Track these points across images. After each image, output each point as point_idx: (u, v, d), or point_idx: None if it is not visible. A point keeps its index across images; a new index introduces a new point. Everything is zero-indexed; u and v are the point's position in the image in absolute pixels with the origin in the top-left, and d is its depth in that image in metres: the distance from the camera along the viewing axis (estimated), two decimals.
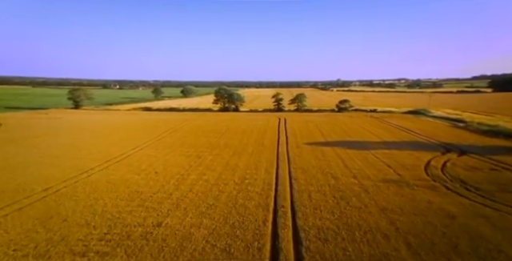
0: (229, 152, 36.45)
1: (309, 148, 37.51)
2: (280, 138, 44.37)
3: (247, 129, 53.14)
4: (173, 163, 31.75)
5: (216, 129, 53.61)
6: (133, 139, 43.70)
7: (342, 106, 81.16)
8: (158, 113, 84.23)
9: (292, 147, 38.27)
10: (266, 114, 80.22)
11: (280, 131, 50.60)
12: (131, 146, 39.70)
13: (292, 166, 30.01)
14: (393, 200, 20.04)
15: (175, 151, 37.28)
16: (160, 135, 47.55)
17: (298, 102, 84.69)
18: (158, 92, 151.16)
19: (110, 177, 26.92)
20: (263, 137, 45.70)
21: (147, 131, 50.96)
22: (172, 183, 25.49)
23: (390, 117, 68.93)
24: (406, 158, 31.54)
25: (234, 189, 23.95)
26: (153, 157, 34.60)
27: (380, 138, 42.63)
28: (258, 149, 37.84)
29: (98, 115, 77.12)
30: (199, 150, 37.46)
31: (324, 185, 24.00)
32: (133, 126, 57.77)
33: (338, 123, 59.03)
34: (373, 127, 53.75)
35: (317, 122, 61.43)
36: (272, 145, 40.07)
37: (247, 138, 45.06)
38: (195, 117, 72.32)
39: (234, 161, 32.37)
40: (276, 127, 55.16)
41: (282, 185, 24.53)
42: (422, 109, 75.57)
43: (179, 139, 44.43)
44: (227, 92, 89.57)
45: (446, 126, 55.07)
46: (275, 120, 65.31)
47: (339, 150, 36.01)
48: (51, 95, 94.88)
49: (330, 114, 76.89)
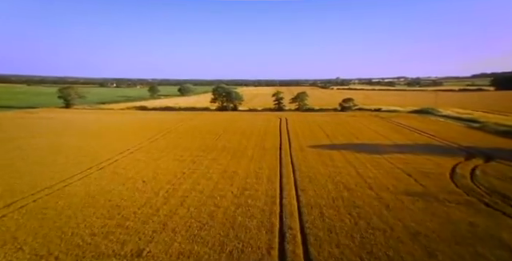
0: (227, 156, 33.11)
1: (314, 152, 34.17)
2: (282, 140, 41.03)
3: (246, 130, 49.76)
4: (164, 170, 28.40)
5: (213, 130, 50.22)
6: (123, 141, 40.26)
7: (346, 105, 77.77)
8: (152, 112, 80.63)
9: (296, 151, 34.93)
10: (266, 113, 76.78)
11: (282, 132, 47.24)
12: (120, 149, 36.27)
13: (297, 173, 26.69)
14: (423, 221, 16.63)
15: (168, 155, 33.91)
16: (153, 137, 44.12)
17: (300, 101, 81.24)
18: (155, 90, 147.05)
19: (89, 187, 23.52)
20: (264, 139, 42.34)
21: (139, 132, 47.51)
22: (161, 195, 22.14)
23: (396, 116, 65.58)
24: (425, 164, 28.17)
25: (232, 203, 20.62)
26: (142, 162, 31.22)
27: (391, 141, 39.25)
28: (258, 153, 34.50)
29: (88, 115, 73.31)
30: (194, 154, 34.10)
31: (336, 198, 20.66)
32: (124, 126, 54.26)
33: (342, 123, 55.65)
34: (381, 128, 50.39)
35: (320, 122, 58.07)
36: (274, 148, 36.72)
37: (247, 140, 41.70)
38: (192, 116, 68.88)
39: (232, 167, 29.05)
40: (277, 128, 51.79)
41: (288, 198, 21.20)
42: (429, 108, 72.25)
43: (173, 141, 41.03)
44: (225, 90, 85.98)
45: (459, 127, 51.70)
46: (276, 120, 61.93)
47: (348, 154, 32.68)
48: (45, 94, 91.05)
49: (333, 114, 73.51)
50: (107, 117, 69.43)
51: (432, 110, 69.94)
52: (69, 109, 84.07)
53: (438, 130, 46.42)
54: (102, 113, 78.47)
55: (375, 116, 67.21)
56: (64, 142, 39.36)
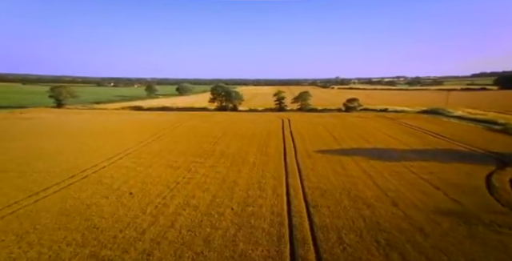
0: (226, 163, 29.81)
1: (323, 158, 30.86)
2: (286, 144, 37.71)
3: (247, 132, 46.42)
4: (155, 179, 25.13)
5: (211, 132, 46.86)
6: (112, 145, 36.89)
7: (350, 105, 74.34)
8: (148, 113, 76.90)
9: (302, 157, 31.63)
10: (267, 113, 73.32)
11: (285, 135, 43.88)
12: (108, 154, 32.93)
13: (306, 184, 23.42)
14: (475, 253, 13.24)
15: (161, 162, 30.61)
16: (146, 140, 40.75)
17: (302, 101, 77.85)
18: (152, 90, 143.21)
19: (66, 202, 20.22)
20: (266, 143, 39.01)
21: (132, 135, 44.09)
22: (148, 213, 18.86)
23: (405, 117, 62.13)
24: (454, 174, 24.74)
25: (233, 223, 17.36)
26: (132, 170, 27.90)
27: (407, 145, 35.84)
28: (260, 159, 31.20)
29: (79, 115, 69.26)
30: (190, 161, 30.81)
31: (357, 218, 17.38)
32: (116, 128, 50.72)
33: (349, 125, 52.24)
34: (392, 130, 46.95)
35: (325, 123, 54.68)
36: (278, 153, 33.41)
37: (247, 144, 38.36)
38: (189, 117, 65.43)
39: (232, 176, 25.78)
40: (280, 130, 48.43)
41: (298, 216, 17.94)
42: (439, 108, 68.89)
43: (168, 145, 37.69)
44: (224, 90, 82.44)
45: (479, 129, 47.94)
46: (278, 121, 58.57)
47: (361, 161, 29.38)
48: (39, 93, 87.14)
49: (337, 115, 69.88)
50: (99, 117, 65.67)
51: (442, 111, 66.58)
52: (60, 109, 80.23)
53: (455, 133, 42.87)
54: (94, 113, 74.65)
55: (382, 117, 63.82)
56: (45, 147, 35.86)
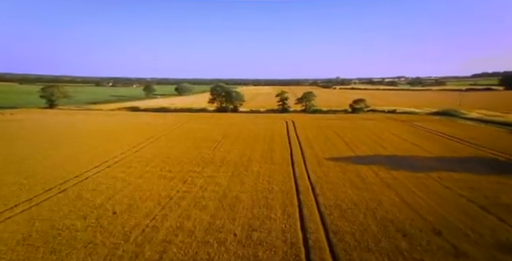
0: (226, 173, 26.31)
1: (336, 167, 27.28)
2: (293, 150, 34.14)
3: (249, 135, 42.86)
4: (145, 194, 21.67)
5: (211, 135, 43.31)
6: (100, 151, 33.36)
7: (357, 106, 70.62)
8: (144, 114, 73.04)
9: (313, 165, 28.08)
10: (270, 115, 69.59)
11: (291, 139, 40.28)
12: (95, 161, 29.43)
13: (322, 201, 19.89)
14: None
15: (153, 171, 27.13)
16: (139, 145, 37.22)
17: (306, 102, 74.18)
18: (150, 90, 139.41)
19: (33, 225, 16.74)
20: (271, 148, 35.46)
21: (124, 139, 40.54)
22: (132, 240, 15.40)
23: (418, 119, 58.32)
24: (499, 190, 20.71)
25: (236, 256, 13.91)
26: (119, 181, 24.42)
27: (428, 152, 32.08)
28: (266, 167, 27.68)
29: (70, 117, 65.05)
30: (186, 169, 27.36)
31: (393, 252, 13.82)
32: (108, 131, 46.97)
33: (360, 128, 48.52)
34: (407, 134, 43.16)
35: (333, 126, 50.99)
36: (284, 161, 29.87)
37: (250, 149, 34.82)
38: (187, 119, 61.83)
39: (233, 189, 22.30)
40: (285, 134, 44.82)
41: (317, 248, 14.45)
42: (452, 110, 65.18)
43: (162, 151, 34.16)
44: (225, 90, 78.74)
45: (502, 133, 43.96)
46: (282, 123, 54.94)
47: (381, 170, 25.81)
48: (34, 93, 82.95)
49: (344, 116, 66.04)
50: (90, 119, 61.72)
51: (455, 112, 62.88)
52: (52, 109, 76.43)
53: (478, 137, 39.06)
54: (86, 114, 70.65)
55: (393, 119, 60.03)
56: (24, 153, 32.26)
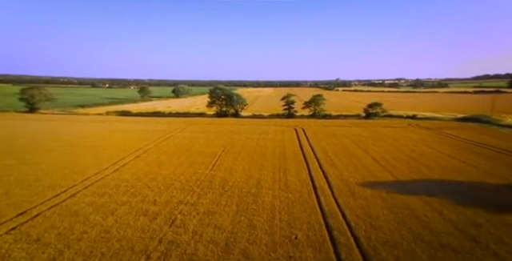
0: (229, 206, 19.48)
1: (378, 200, 20.34)
2: (312, 170, 27.17)
3: (255, 148, 35.94)
4: (113, 246, 14.93)
5: (209, 148, 36.40)
6: (68, 172, 26.28)
7: (373, 111, 63.55)
8: (135, 119, 65.34)
9: (344, 195, 21.16)
10: (275, 121, 62.34)
11: (306, 153, 33.30)
12: (57, 187, 22.55)
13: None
14: None
15: (132, 202, 20.31)
16: (122, 160, 30.27)
17: (315, 106, 67.17)
18: (145, 92, 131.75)
19: None
20: (283, 165, 28.54)
21: (105, 152, 33.53)
22: None
23: (446, 127, 51.23)
24: None
25: None
26: (80, 222, 17.63)
27: (497, 177, 24.29)
28: (281, 198, 20.81)
29: (47, 123, 56.36)
30: (176, 200, 20.56)
31: None
32: (87, 142, 39.31)
33: (384, 138, 41.46)
34: (448, 148, 35.71)
35: (351, 135, 43.98)
36: (304, 187, 22.94)
37: (258, 168, 27.89)
38: (183, 125, 54.75)
39: (240, 239, 15.59)
40: (297, 145, 37.84)
41: None
42: (483, 115, 58.25)
43: (149, 170, 27.24)
44: (225, 93, 71.65)
45: None
46: (291, 132, 47.95)
47: (446, 208, 18.87)
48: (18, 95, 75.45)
49: (359, 123, 58.49)
50: (70, 126, 53.10)
51: (487, 118, 55.79)
52: (32, 114, 68.48)
53: None
54: (68, 120, 62.11)
55: (417, 126, 52.85)
56: None
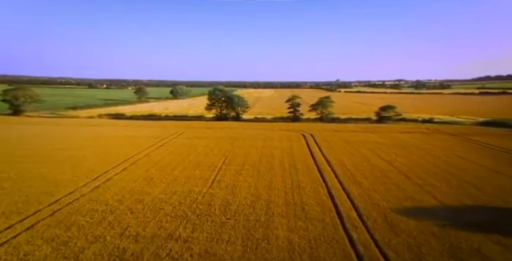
0: (233, 244, 14.95)
1: (430, 237, 15.55)
2: (332, 190, 22.33)
3: (260, 159, 31.15)
4: None
5: (208, 158, 31.62)
6: (39, 189, 21.41)
7: (385, 114, 58.80)
8: (128, 123, 60.31)
9: (381, 229, 16.39)
10: (280, 125, 57.53)
11: (321, 166, 28.43)
12: (18, 214, 17.80)
13: None
14: None
15: (108, 237, 15.64)
16: (104, 175, 25.50)
17: (322, 109, 62.42)
18: (142, 93, 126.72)
19: None
20: (297, 183, 23.74)
21: (86, 164, 28.68)
22: None
23: (471, 132, 46.09)
24: None
25: None
26: None
27: None
28: (299, 231, 16.14)
29: (29, 127, 50.68)
30: (165, 233, 15.96)
31: None
32: (69, 150, 34.27)
33: (407, 147, 36.49)
34: (488, 160, 30.71)
35: (367, 142, 39.09)
36: (326, 214, 18.18)
37: (266, 186, 23.11)
38: (180, 130, 49.94)
39: None
40: (308, 155, 32.99)
41: None
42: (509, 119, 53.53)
43: (135, 188, 22.50)
44: (225, 94, 66.85)
45: None
46: (299, 138, 43.13)
47: None
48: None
49: (372, 127, 53.38)
50: (53, 131, 47.42)
51: None
52: (15, 117, 62.95)
53: None
54: (53, 124, 56.24)
55: (439, 132, 47.49)
56: None
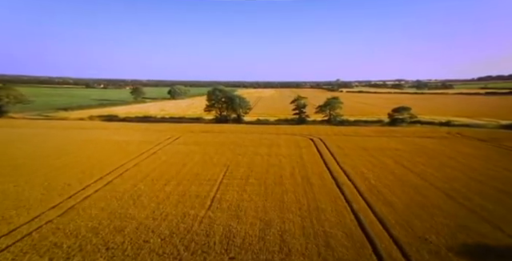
0: None
1: None
2: (360, 215, 17.93)
3: (268, 170, 26.73)
4: None
5: (206, 169, 27.19)
6: None
7: (399, 116, 54.44)
8: (121, 125, 55.65)
9: None
10: (285, 128, 52.93)
11: (339, 181, 24.02)
12: None
13: None
14: None
15: None
16: (81, 193, 21.13)
17: (330, 110, 58.04)
18: (139, 93, 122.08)
19: None
20: (314, 204, 19.34)
21: (62, 177, 24.27)
22: None
23: (502, 137, 41.67)
24: None
25: None
26: None
27: None
28: None
29: (5, 131, 46.45)
30: None
31: None
32: (45, 159, 29.58)
33: (436, 156, 31.72)
34: None
35: (389, 151, 34.25)
36: (360, 255, 13.76)
37: (277, 207, 18.73)
38: (176, 134, 45.37)
39: None
40: (322, 166, 28.51)
41: None
42: None
43: (117, 211, 18.14)
44: (225, 95, 62.39)
45: None
46: (308, 144, 38.64)
47: None
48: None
49: (386, 131, 48.73)
50: (32, 136, 42.48)
51: None
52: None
53: None
54: (36, 126, 51.45)
55: (465, 137, 43.28)
56: None
